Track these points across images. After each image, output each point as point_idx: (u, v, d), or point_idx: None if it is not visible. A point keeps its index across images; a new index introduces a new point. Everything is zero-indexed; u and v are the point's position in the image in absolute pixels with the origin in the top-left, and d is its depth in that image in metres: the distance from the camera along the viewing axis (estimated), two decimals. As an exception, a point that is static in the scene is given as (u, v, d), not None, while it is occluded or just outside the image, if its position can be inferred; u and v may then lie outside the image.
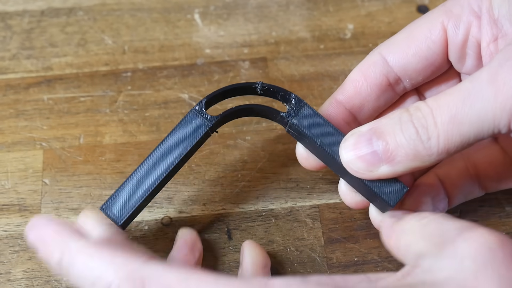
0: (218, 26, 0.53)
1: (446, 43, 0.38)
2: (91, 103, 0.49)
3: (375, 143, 0.35)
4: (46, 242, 0.33)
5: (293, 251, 0.43)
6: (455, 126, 0.33)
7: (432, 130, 0.33)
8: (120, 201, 0.38)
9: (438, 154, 0.34)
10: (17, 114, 0.48)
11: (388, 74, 0.39)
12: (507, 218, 0.44)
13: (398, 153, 0.34)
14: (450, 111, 0.33)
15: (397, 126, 0.34)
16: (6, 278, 0.41)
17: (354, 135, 0.36)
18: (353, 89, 0.39)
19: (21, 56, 0.51)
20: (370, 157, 0.35)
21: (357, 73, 0.40)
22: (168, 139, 0.39)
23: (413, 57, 0.38)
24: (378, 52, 0.39)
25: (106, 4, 0.54)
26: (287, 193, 0.45)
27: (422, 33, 0.38)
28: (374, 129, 0.35)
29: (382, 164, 0.35)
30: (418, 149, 0.34)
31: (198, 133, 0.39)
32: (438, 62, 0.39)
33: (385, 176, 0.36)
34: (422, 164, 0.34)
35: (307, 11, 0.54)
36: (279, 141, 0.47)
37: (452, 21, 0.37)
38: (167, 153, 0.39)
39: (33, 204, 0.44)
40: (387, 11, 0.54)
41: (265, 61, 0.51)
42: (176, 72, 0.50)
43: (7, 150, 0.47)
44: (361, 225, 0.44)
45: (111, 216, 0.38)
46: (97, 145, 0.47)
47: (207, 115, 0.39)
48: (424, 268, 0.30)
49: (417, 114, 0.34)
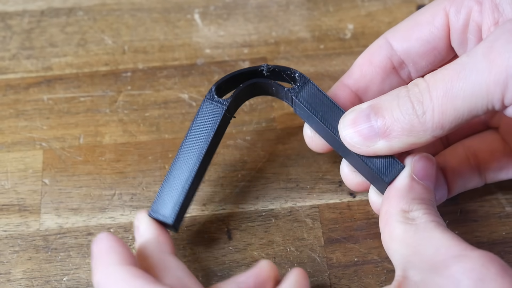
0: (218, 26, 0.53)
1: (448, 28, 0.38)
2: (91, 103, 0.49)
3: (373, 119, 0.35)
4: (95, 259, 0.35)
5: (293, 251, 0.43)
6: (449, 100, 0.33)
7: (427, 104, 0.34)
8: (165, 202, 0.39)
9: (433, 129, 0.34)
10: (17, 114, 0.48)
11: (392, 57, 0.40)
12: (507, 218, 0.44)
13: (394, 127, 0.35)
14: (445, 85, 0.33)
15: (395, 102, 0.35)
16: (6, 278, 0.41)
17: (353, 111, 0.37)
18: (359, 72, 0.40)
19: (21, 56, 0.51)
20: (367, 132, 0.36)
21: (363, 57, 0.41)
22: (190, 132, 0.40)
23: (416, 41, 0.39)
24: (384, 37, 0.40)
25: (106, 4, 0.54)
26: (287, 193, 0.45)
27: (425, 19, 0.39)
28: (373, 105, 0.36)
29: (379, 139, 0.36)
30: (413, 123, 0.34)
31: (216, 118, 0.40)
32: (440, 47, 0.39)
33: (382, 152, 0.36)
34: (418, 140, 0.35)
35: (307, 11, 0.54)
36: (279, 141, 0.47)
37: (453, 6, 0.38)
38: (193, 145, 0.39)
39: (33, 204, 0.44)
40: (387, 11, 0.54)
41: (265, 61, 0.51)
42: (176, 72, 0.50)
43: (7, 150, 0.47)
44: (361, 225, 0.44)
45: (162, 219, 0.39)
46: (97, 145, 0.47)
47: (220, 100, 0.40)
48: (415, 283, 0.33)
49: (414, 90, 0.34)
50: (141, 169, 0.46)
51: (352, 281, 0.41)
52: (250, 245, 0.43)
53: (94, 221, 0.44)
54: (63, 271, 0.42)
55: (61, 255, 0.42)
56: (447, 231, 0.34)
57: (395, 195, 0.36)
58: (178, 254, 0.42)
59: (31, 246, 0.43)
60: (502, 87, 0.32)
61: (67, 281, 0.41)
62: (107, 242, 0.35)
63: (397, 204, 0.36)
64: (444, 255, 0.33)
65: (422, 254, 0.33)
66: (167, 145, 0.47)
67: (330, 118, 0.39)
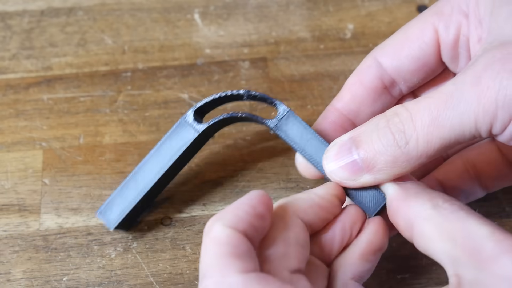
0: (218, 26, 0.53)
1: (438, 43, 0.38)
2: (91, 103, 0.49)
3: (354, 153, 0.35)
4: (211, 256, 0.32)
5: (293, 251, 0.43)
6: (436, 129, 0.32)
7: (410, 133, 0.33)
8: (113, 207, 0.41)
9: (417, 159, 0.33)
10: (17, 114, 0.48)
11: (382, 77, 0.39)
12: (507, 218, 0.44)
13: (377, 161, 0.34)
14: (431, 113, 0.32)
15: (374, 133, 0.34)
16: (6, 278, 0.41)
17: (335, 145, 0.36)
18: (349, 95, 0.39)
19: (21, 56, 0.51)
20: (351, 167, 0.35)
21: (353, 78, 0.40)
22: (160, 146, 0.40)
23: (406, 58, 0.38)
24: (372, 55, 0.39)
25: (106, 4, 0.54)
26: (287, 193, 0.45)
27: (414, 34, 0.38)
28: (354, 137, 0.35)
29: (363, 173, 0.35)
30: (396, 155, 0.33)
31: (187, 140, 0.40)
32: (431, 63, 0.39)
33: (369, 184, 0.36)
34: (403, 170, 0.34)
35: (307, 11, 0.54)
36: (279, 141, 0.47)
37: (442, 21, 0.37)
38: (157, 159, 0.40)
39: (33, 204, 0.44)
40: (387, 11, 0.54)
41: (265, 61, 0.51)
42: (176, 72, 0.50)
43: (7, 150, 0.47)
44: (361, 225, 0.44)
45: (105, 222, 0.41)
46: (97, 145, 0.47)
47: (195, 124, 0.40)
48: (470, 282, 0.31)
49: (394, 120, 0.34)
50: (141, 169, 0.46)
51: (352, 281, 0.41)
52: (250, 245, 0.43)
53: (94, 221, 0.44)
54: (63, 271, 0.42)
55: (61, 255, 0.42)
56: (482, 219, 0.32)
57: (405, 202, 0.34)
58: (178, 254, 0.42)
59: (31, 246, 0.43)
60: (491, 118, 0.31)
61: (67, 281, 0.41)
62: (227, 239, 0.31)
63: (413, 205, 0.34)
64: (492, 251, 0.31)
65: (467, 249, 0.31)
66: (167, 145, 0.47)
67: (312, 151, 0.38)
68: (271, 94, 0.49)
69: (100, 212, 0.41)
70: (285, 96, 0.49)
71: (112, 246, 0.43)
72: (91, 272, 0.42)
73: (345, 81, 0.50)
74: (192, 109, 0.40)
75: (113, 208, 0.41)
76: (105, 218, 0.41)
